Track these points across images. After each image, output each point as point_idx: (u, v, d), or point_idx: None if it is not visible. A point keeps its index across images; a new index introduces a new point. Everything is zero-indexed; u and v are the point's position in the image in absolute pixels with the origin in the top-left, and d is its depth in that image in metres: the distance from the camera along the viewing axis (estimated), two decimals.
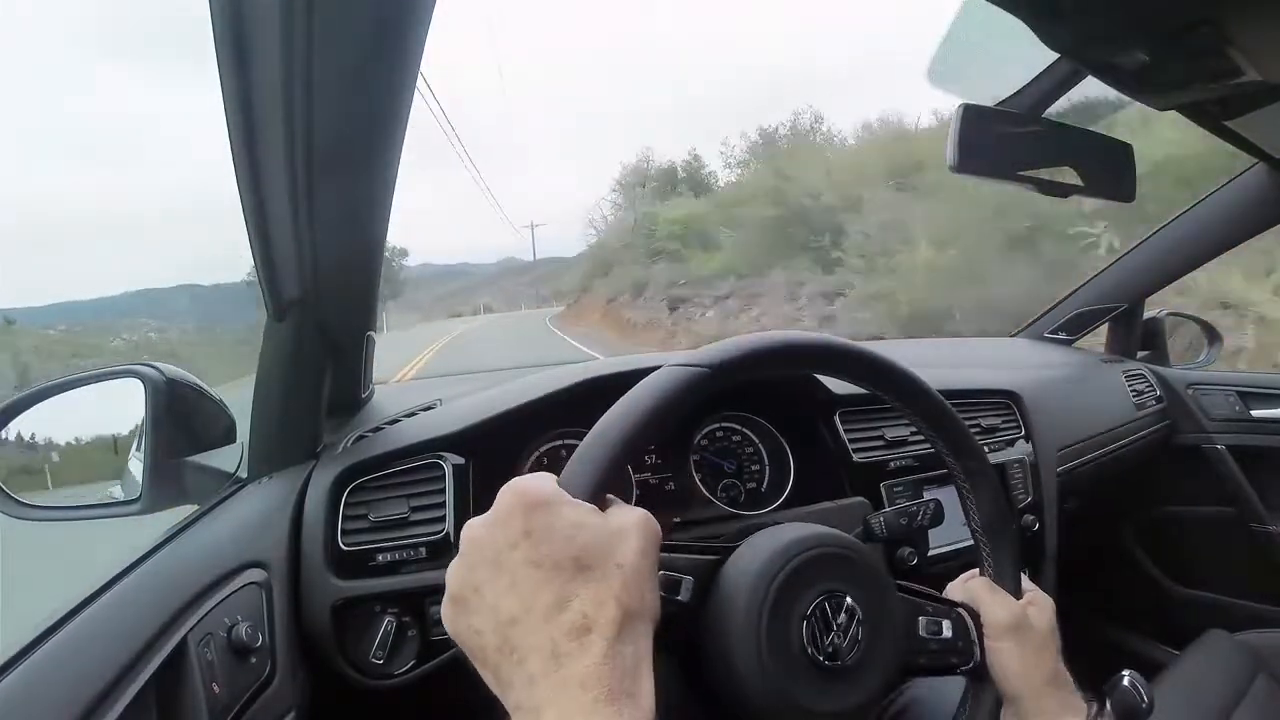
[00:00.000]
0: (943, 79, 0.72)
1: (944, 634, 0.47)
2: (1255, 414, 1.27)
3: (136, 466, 0.68)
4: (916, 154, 9.17)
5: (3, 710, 0.41)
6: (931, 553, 0.84)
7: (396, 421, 0.80)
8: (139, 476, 0.66)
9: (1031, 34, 0.53)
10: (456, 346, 16.17)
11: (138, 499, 0.65)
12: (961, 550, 0.84)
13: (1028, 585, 0.52)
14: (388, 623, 0.64)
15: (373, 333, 0.79)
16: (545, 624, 0.31)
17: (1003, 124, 0.65)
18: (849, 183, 10.45)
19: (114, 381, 0.67)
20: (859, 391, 0.48)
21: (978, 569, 0.52)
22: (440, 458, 0.72)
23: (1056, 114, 0.68)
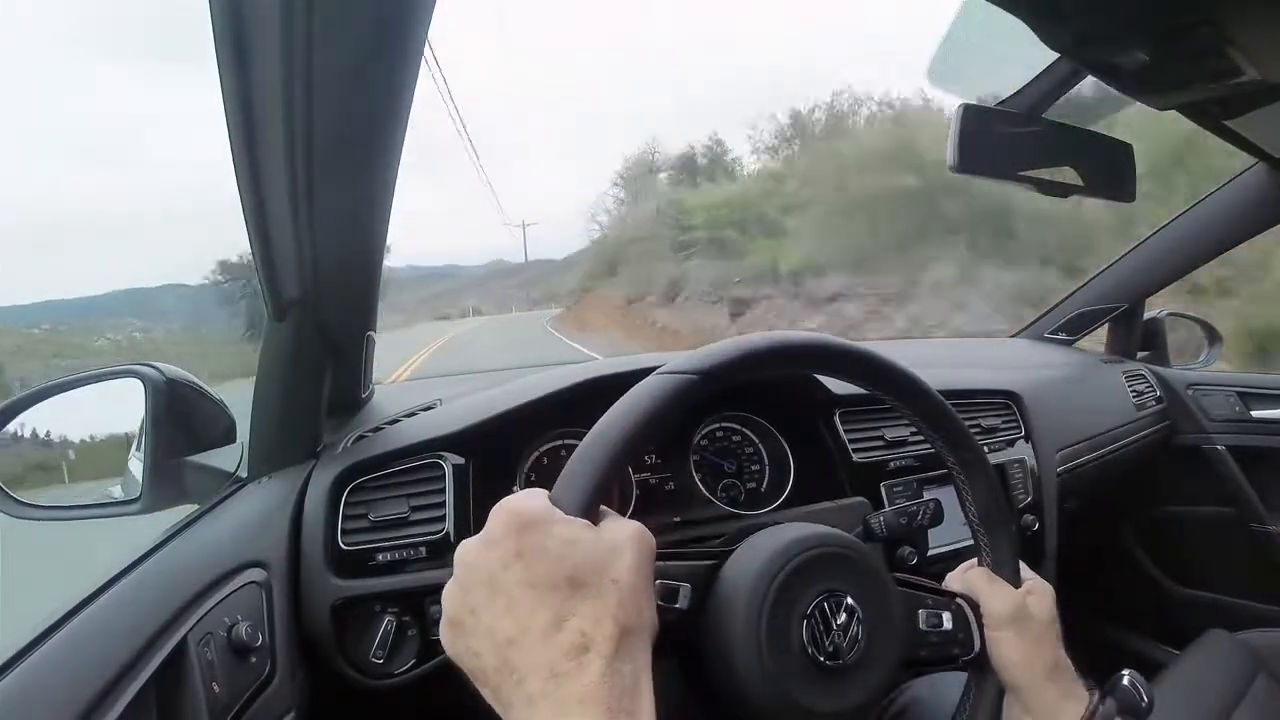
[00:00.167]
0: (943, 79, 0.72)
1: (944, 626, 0.47)
2: (1255, 414, 1.27)
3: (136, 466, 0.68)
4: None
5: (3, 710, 0.41)
6: (931, 552, 0.84)
7: (396, 421, 0.80)
8: (139, 476, 0.66)
9: (1031, 34, 0.53)
10: (451, 349, 15.09)
11: (138, 499, 0.65)
12: (962, 550, 0.84)
13: (1027, 574, 0.51)
14: (388, 622, 0.64)
15: (373, 333, 0.79)
16: (543, 644, 0.30)
17: (1003, 124, 0.65)
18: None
19: (114, 381, 0.67)
20: (859, 391, 0.48)
21: (976, 559, 0.52)
22: (440, 457, 0.72)
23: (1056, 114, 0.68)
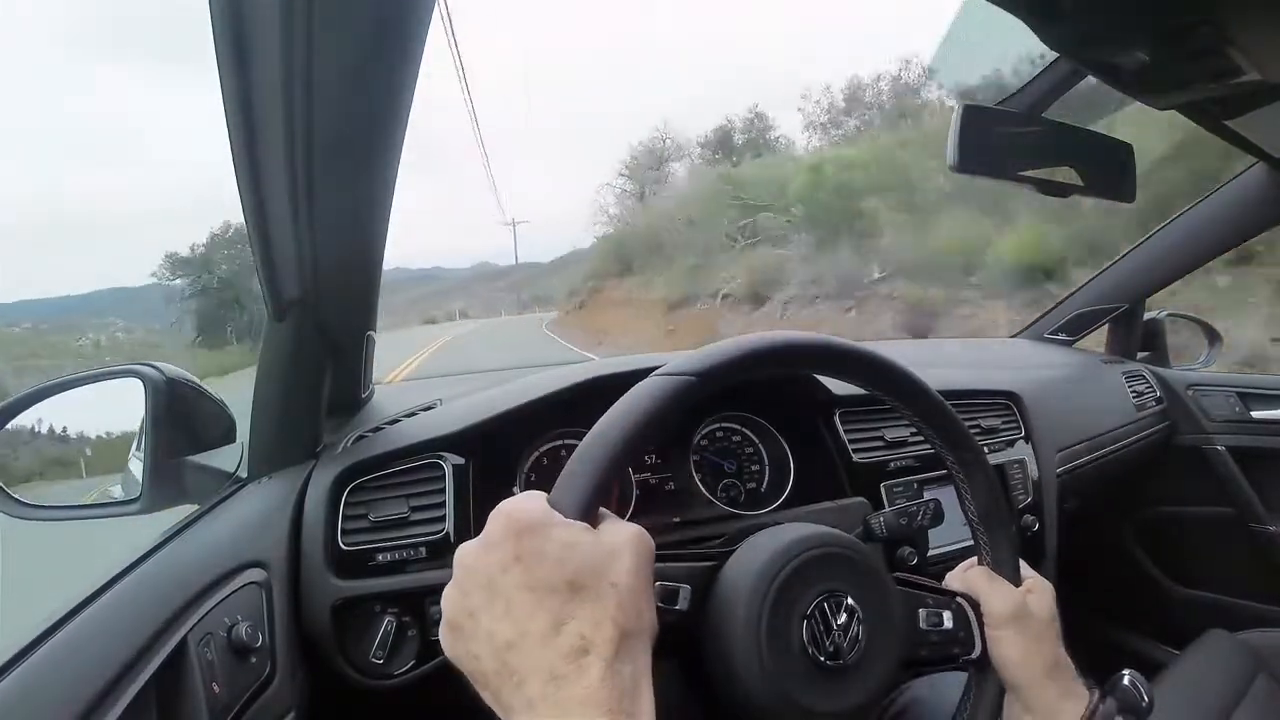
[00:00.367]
0: (943, 78, 0.72)
1: (945, 625, 0.47)
2: (1255, 415, 1.27)
3: (136, 466, 0.68)
4: None
5: (3, 710, 0.41)
6: (932, 553, 0.84)
7: (396, 421, 0.80)
8: (139, 476, 0.66)
9: (1031, 34, 0.53)
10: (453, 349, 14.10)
11: (138, 499, 0.65)
12: (962, 550, 0.84)
13: (1027, 572, 0.51)
14: (388, 623, 0.64)
15: (373, 333, 0.79)
16: (542, 648, 0.31)
17: (1003, 124, 0.65)
18: None
19: (114, 381, 0.67)
20: (859, 392, 0.48)
21: (976, 558, 0.52)
22: (440, 458, 0.72)
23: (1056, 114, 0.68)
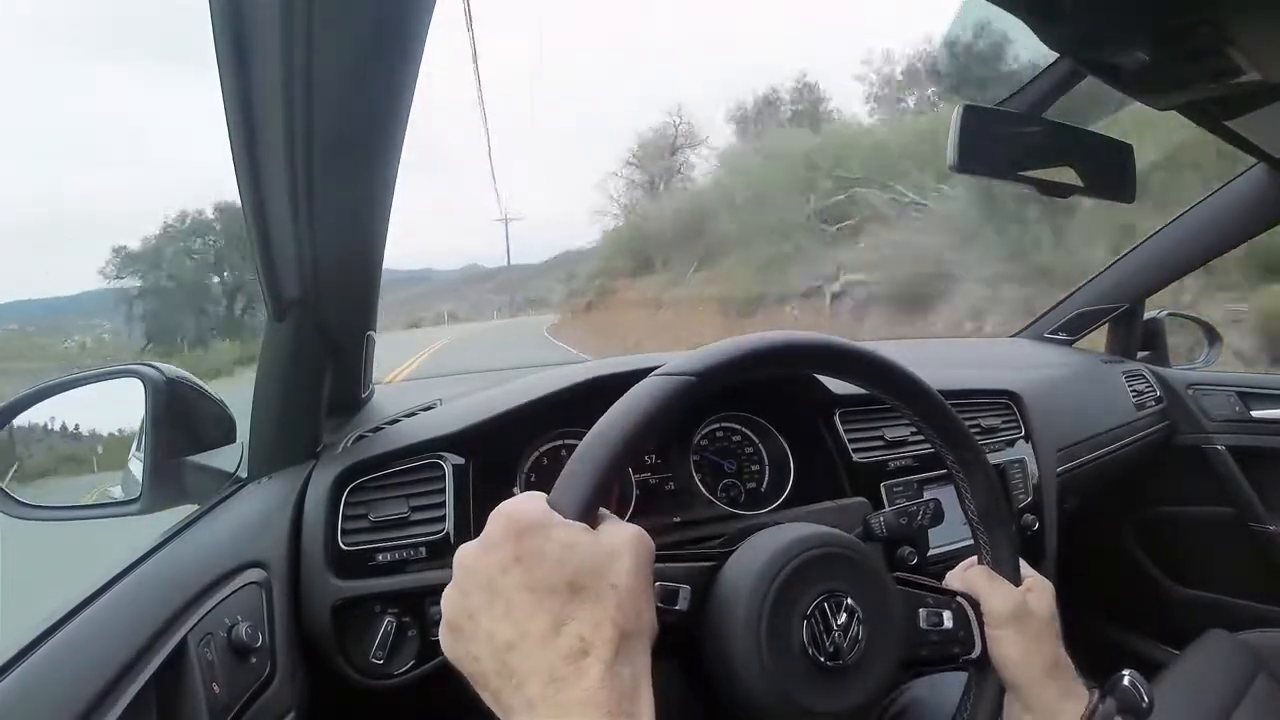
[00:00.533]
0: (942, 78, 0.72)
1: (945, 625, 0.47)
2: (1255, 414, 1.27)
3: (136, 466, 0.68)
4: None
5: (3, 710, 0.41)
6: (932, 552, 0.84)
7: (396, 421, 0.80)
8: (139, 476, 0.66)
9: (1031, 34, 0.53)
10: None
11: (138, 499, 0.65)
12: (962, 550, 0.84)
13: (1027, 571, 0.51)
14: (388, 623, 0.64)
15: (373, 332, 0.79)
16: (542, 649, 0.30)
17: (1003, 124, 0.65)
18: None
19: (114, 381, 0.67)
20: (859, 392, 0.48)
21: (976, 558, 0.52)
22: (440, 458, 0.72)
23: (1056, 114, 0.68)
